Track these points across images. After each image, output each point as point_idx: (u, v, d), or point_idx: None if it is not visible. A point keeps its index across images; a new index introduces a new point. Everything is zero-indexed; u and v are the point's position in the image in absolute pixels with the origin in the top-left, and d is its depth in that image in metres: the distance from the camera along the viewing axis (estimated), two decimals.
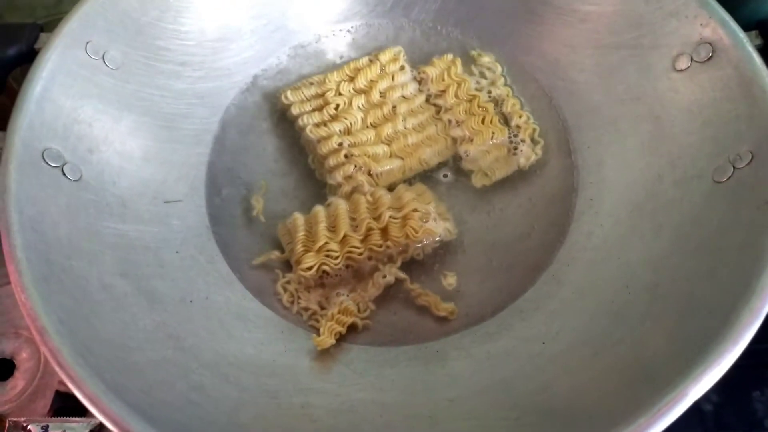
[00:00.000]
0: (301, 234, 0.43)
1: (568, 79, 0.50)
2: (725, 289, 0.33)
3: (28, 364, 0.45)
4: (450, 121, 0.49)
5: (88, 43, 0.41)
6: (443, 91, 0.50)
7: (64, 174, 0.38)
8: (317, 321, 0.42)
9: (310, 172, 0.49)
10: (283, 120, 0.51)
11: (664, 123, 0.43)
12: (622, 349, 0.36)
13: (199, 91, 0.48)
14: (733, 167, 0.37)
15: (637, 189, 0.43)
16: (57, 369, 0.31)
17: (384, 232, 0.43)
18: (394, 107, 0.49)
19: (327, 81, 0.49)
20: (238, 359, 0.39)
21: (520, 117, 0.49)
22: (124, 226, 0.41)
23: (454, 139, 0.49)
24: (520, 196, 0.47)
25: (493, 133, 0.48)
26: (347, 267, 0.44)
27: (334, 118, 0.48)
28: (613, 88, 0.47)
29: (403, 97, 0.50)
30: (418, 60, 0.52)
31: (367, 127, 0.48)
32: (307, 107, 0.49)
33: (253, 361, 0.39)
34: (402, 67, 0.51)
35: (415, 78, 0.51)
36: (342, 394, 0.38)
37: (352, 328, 0.42)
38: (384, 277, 0.43)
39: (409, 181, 0.48)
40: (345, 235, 0.43)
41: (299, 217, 0.44)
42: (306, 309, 0.43)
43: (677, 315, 0.35)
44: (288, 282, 0.44)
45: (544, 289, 0.43)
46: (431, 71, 0.51)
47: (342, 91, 0.49)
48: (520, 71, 0.52)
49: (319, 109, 0.49)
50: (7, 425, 0.41)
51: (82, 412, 0.43)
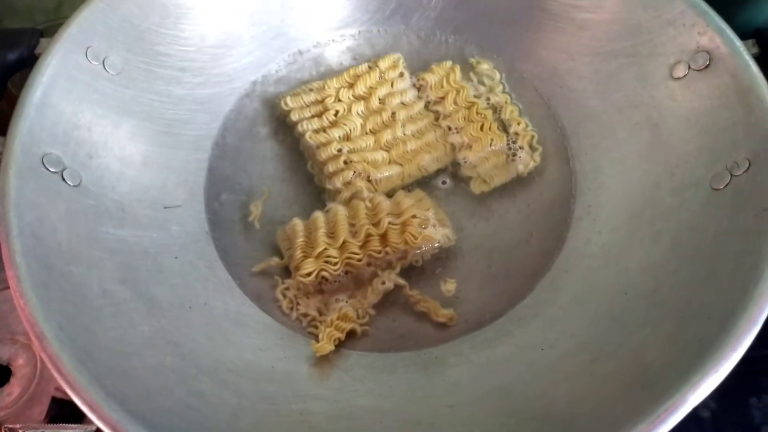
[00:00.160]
0: (300, 240, 0.43)
1: (566, 86, 0.50)
2: (723, 295, 0.33)
3: (25, 370, 0.44)
4: (449, 127, 0.50)
5: (88, 48, 0.41)
6: (442, 97, 0.50)
7: (64, 179, 0.38)
8: (316, 327, 0.42)
9: (310, 178, 0.49)
10: (283, 126, 0.51)
11: (662, 130, 0.44)
12: (620, 356, 0.36)
13: (198, 96, 0.48)
14: (731, 175, 0.38)
15: (635, 196, 0.44)
16: (56, 375, 0.31)
17: (383, 238, 0.43)
18: (394, 114, 0.49)
19: (326, 87, 0.49)
20: (237, 365, 0.39)
21: (519, 124, 0.49)
22: (124, 232, 0.41)
23: (453, 146, 0.49)
24: (518, 203, 0.47)
25: (491, 139, 0.48)
26: (346, 273, 0.44)
27: (333, 125, 0.48)
28: (611, 96, 0.47)
29: (403, 103, 0.50)
30: (417, 67, 0.53)
31: (366, 133, 0.49)
32: (307, 113, 0.49)
33: (252, 367, 0.39)
34: (401, 74, 0.51)
35: (414, 85, 0.51)
36: (341, 400, 0.38)
37: (351, 335, 0.42)
38: (383, 283, 0.43)
39: (407, 188, 0.48)
40: (344, 241, 0.43)
41: (298, 223, 0.44)
42: (305, 315, 0.43)
43: (676, 321, 0.35)
44: (287, 288, 0.44)
45: (542, 296, 0.43)
46: (430, 78, 0.51)
47: (341, 98, 0.49)
48: (519, 78, 0.52)
49: (319, 115, 0.49)
50: None
51: (79, 418, 0.43)
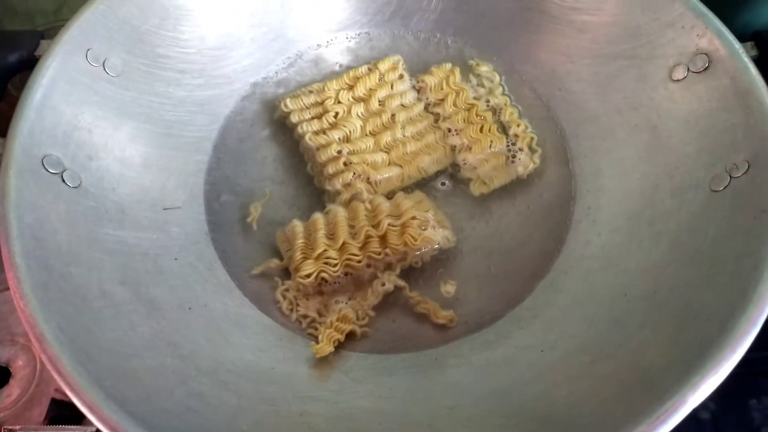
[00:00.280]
0: (299, 241, 0.43)
1: (565, 88, 0.50)
2: (723, 297, 0.33)
3: (24, 371, 0.44)
4: (448, 129, 0.50)
5: (88, 50, 0.41)
6: (442, 99, 0.51)
7: (64, 181, 0.38)
8: (316, 329, 0.42)
9: (309, 180, 0.49)
10: (282, 128, 0.51)
11: (661, 132, 0.44)
12: (620, 357, 0.36)
13: (198, 98, 0.48)
14: (730, 176, 0.38)
15: (635, 198, 0.44)
16: (56, 376, 0.31)
17: (383, 239, 0.43)
18: (393, 115, 0.49)
19: (326, 89, 0.50)
20: (236, 366, 0.39)
21: (518, 126, 0.49)
22: (123, 233, 0.41)
23: (453, 148, 0.49)
24: (518, 205, 0.48)
25: (491, 141, 0.48)
26: (346, 274, 0.44)
27: (333, 126, 0.48)
28: (610, 98, 0.47)
29: (402, 105, 0.50)
30: (417, 69, 0.53)
31: (366, 135, 0.49)
32: (307, 115, 0.49)
33: (252, 368, 0.39)
34: (401, 76, 0.51)
35: (413, 87, 0.51)
36: (341, 401, 0.38)
37: (351, 336, 0.42)
38: (383, 284, 0.43)
39: (407, 189, 0.48)
40: (344, 243, 0.43)
41: (298, 225, 0.44)
42: (305, 316, 0.43)
43: (675, 323, 0.35)
44: (287, 289, 0.44)
45: (542, 297, 0.43)
46: (430, 80, 0.51)
47: (341, 100, 0.49)
48: (518, 80, 0.52)
49: (319, 117, 0.49)
50: None
51: (78, 420, 0.43)
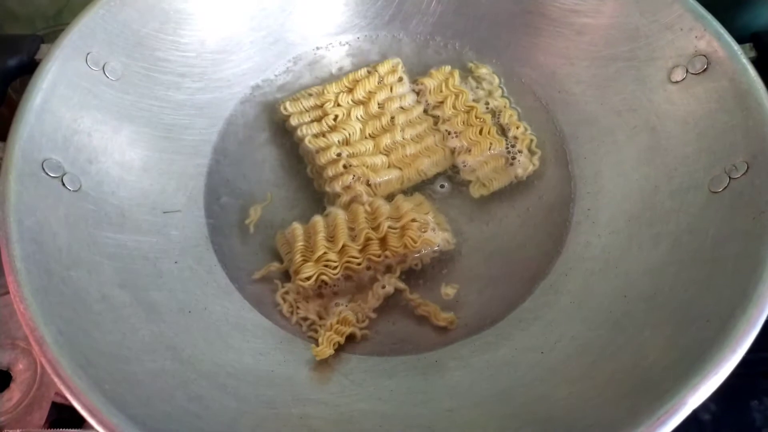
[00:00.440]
0: (299, 244, 0.43)
1: (564, 90, 0.50)
2: (722, 297, 0.33)
3: (25, 375, 0.44)
4: (448, 131, 0.50)
5: (88, 54, 0.41)
6: (441, 102, 0.51)
7: (64, 184, 0.38)
8: (316, 331, 0.42)
9: (309, 183, 0.49)
10: (282, 131, 0.51)
11: (661, 134, 0.44)
12: (620, 358, 0.36)
13: (198, 102, 0.49)
14: (729, 177, 0.38)
15: (634, 199, 0.44)
16: (56, 380, 0.31)
17: (383, 242, 0.44)
18: (393, 118, 0.49)
19: (326, 92, 0.50)
20: (236, 370, 0.39)
21: (518, 128, 0.49)
22: (123, 237, 0.41)
23: (452, 150, 0.49)
24: (517, 207, 0.48)
25: (490, 143, 0.48)
26: (346, 277, 0.44)
27: (332, 129, 0.48)
28: (609, 100, 0.47)
29: (402, 108, 0.50)
30: (416, 71, 0.53)
31: (365, 137, 0.49)
32: (306, 118, 0.49)
33: (252, 371, 0.39)
34: (400, 79, 0.51)
35: (413, 89, 0.52)
36: (341, 404, 0.38)
37: (351, 338, 0.42)
38: (383, 287, 0.43)
39: (407, 192, 0.48)
40: (344, 245, 0.43)
41: (298, 227, 0.45)
42: (305, 319, 0.43)
43: (675, 324, 0.35)
44: (287, 292, 0.44)
45: (542, 299, 0.43)
46: (429, 82, 0.51)
47: (341, 102, 0.49)
48: (518, 83, 0.52)
49: (318, 119, 0.49)
50: None
51: (79, 423, 0.43)
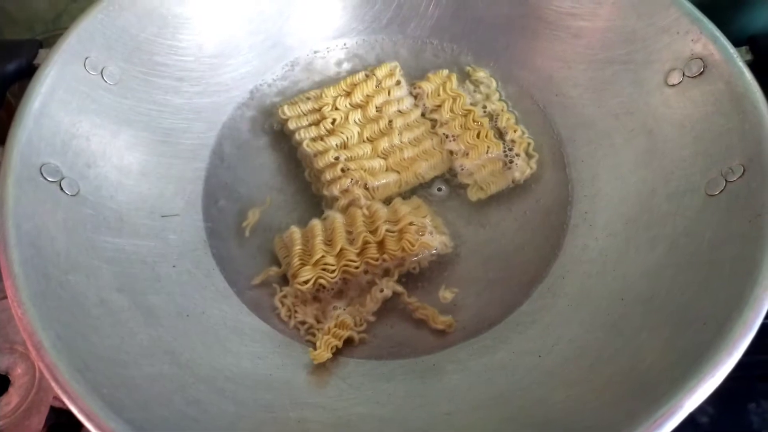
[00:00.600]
0: (297, 248, 0.43)
1: (562, 93, 0.50)
2: (719, 300, 0.33)
3: (23, 379, 0.44)
4: (445, 135, 0.50)
5: (86, 58, 0.41)
6: (439, 105, 0.51)
7: (62, 189, 0.38)
8: (314, 335, 0.42)
9: (307, 186, 0.49)
10: (280, 135, 0.51)
11: (657, 137, 0.44)
12: (617, 361, 0.36)
13: (196, 106, 0.49)
14: (726, 180, 0.38)
15: (632, 202, 0.44)
16: (53, 384, 0.31)
17: (380, 245, 0.44)
18: (390, 122, 0.49)
19: (324, 96, 0.50)
20: (234, 374, 0.39)
21: (515, 131, 0.50)
22: (121, 241, 0.41)
23: (450, 153, 0.49)
24: (515, 210, 0.48)
25: (488, 147, 0.48)
26: (344, 281, 0.44)
27: (330, 133, 0.48)
28: (606, 103, 0.47)
29: (399, 111, 0.50)
30: (414, 75, 0.53)
31: (363, 141, 0.49)
32: (304, 122, 0.49)
33: (250, 375, 0.39)
34: (398, 82, 0.51)
35: (411, 93, 0.52)
36: (339, 408, 0.38)
37: (349, 342, 0.42)
38: (381, 290, 0.43)
39: (404, 195, 0.48)
40: (341, 249, 0.43)
41: (296, 231, 0.45)
42: (303, 323, 0.43)
43: (672, 327, 0.35)
44: (285, 296, 0.44)
45: (539, 302, 0.43)
46: (427, 86, 0.51)
47: (339, 106, 0.49)
48: (515, 86, 0.52)
49: (316, 123, 0.49)
50: None
51: (77, 427, 0.43)
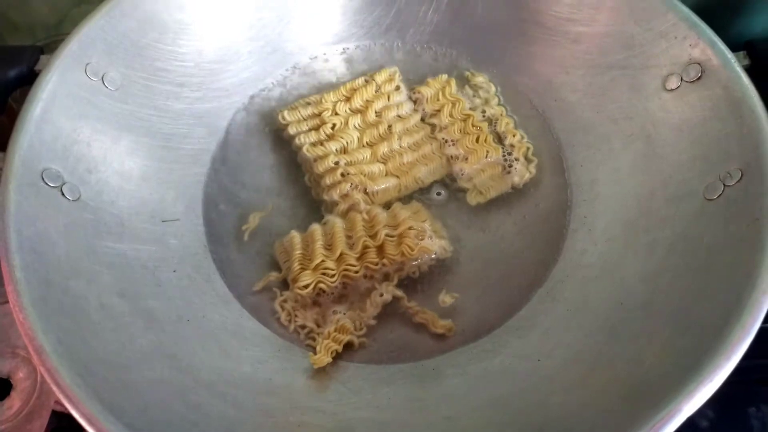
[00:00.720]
0: (297, 252, 0.44)
1: (560, 98, 0.50)
2: (717, 305, 0.33)
3: (25, 383, 0.44)
4: (445, 140, 0.50)
5: (87, 64, 0.42)
6: (438, 110, 0.51)
7: (63, 194, 0.39)
8: (314, 339, 0.43)
9: (307, 191, 0.49)
10: (280, 140, 0.51)
11: (656, 141, 0.44)
12: (616, 365, 0.36)
13: (197, 111, 0.49)
14: (724, 185, 0.38)
15: (630, 206, 0.44)
16: (55, 389, 0.31)
17: (380, 250, 0.44)
18: (390, 126, 0.50)
19: (323, 101, 0.50)
20: (234, 378, 0.39)
21: (514, 136, 0.50)
22: (122, 246, 0.41)
23: (449, 158, 0.49)
24: (514, 214, 0.48)
25: (487, 151, 0.48)
26: (344, 285, 0.44)
27: (330, 138, 0.49)
28: (605, 108, 0.48)
29: (399, 116, 0.51)
30: (413, 80, 0.53)
31: (363, 146, 0.49)
32: (304, 127, 0.50)
33: (250, 379, 0.39)
34: (397, 87, 0.51)
35: (410, 98, 0.52)
36: (338, 412, 0.38)
37: (349, 346, 0.42)
38: (381, 295, 0.43)
39: (404, 200, 0.48)
40: (341, 253, 0.43)
41: (296, 236, 0.45)
42: (303, 327, 0.43)
43: (671, 331, 0.35)
44: (285, 300, 0.44)
45: (539, 307, 0.43)
46: (426, 91, 0.51)
47: (338, 111, 0.50)
48: (514, 91, 0.53)
49: (316, 128, 0.49)
50: None
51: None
